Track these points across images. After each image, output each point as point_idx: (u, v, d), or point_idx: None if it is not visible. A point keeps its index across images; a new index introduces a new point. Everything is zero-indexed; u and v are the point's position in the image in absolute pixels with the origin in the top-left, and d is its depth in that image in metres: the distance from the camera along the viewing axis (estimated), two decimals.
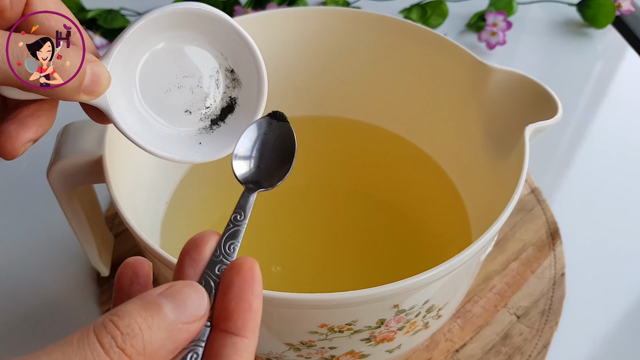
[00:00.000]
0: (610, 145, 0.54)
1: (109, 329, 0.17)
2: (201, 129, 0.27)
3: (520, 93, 0.35)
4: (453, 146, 0.43)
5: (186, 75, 0.26)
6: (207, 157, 0.27)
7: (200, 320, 0.19)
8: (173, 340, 0.18)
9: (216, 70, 0.27)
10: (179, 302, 0.18)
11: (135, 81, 0.26)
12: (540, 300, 0.42)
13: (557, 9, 0.70)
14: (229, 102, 0.27)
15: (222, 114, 0.28)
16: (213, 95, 0.27)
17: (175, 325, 0.18)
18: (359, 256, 0.41)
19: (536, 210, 0.47)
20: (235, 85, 0.27)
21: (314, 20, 0.43)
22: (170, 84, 0.26)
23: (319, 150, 0.47)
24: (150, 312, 0.17)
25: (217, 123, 0.28)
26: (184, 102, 0.27)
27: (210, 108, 0.27)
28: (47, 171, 0.33)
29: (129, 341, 0.17)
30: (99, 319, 0.17)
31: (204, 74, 0.27)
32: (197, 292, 0.19)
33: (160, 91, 0.26)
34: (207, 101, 0.27)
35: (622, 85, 0.61)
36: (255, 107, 0.27)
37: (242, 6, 0.64)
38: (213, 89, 0.27)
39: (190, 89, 0.27)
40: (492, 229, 0.28)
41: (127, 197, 0.33)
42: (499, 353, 0.39)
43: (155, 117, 0.26)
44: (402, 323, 0.30)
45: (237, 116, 0.28)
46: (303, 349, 0.30)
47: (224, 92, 0.27)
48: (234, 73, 0.27)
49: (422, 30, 0.40)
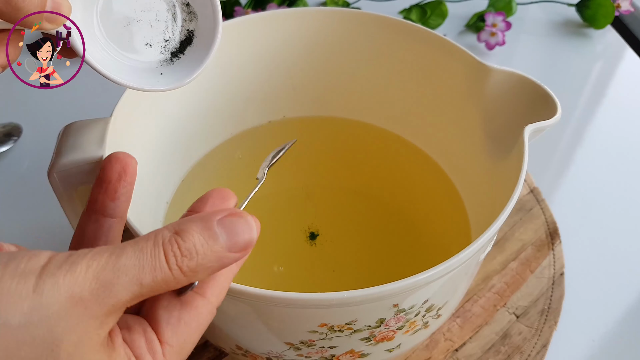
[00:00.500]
0: (609, 145, 0.55)
1: (174, 248, 0.19)
2: (162, 61, 0.29)
3: (520, 93, 0.36)
4: (452, 146, 0.43)
5: (144, 10, 0.28)
6: (169, 85, 0.28)
7: (246, 251, 0.21)
8: (219, 265, 0.20)
9: (172, 4, 0.28)
10: (232, 235, 0.21)
11: (96, 12, 0.27)
12: (540, 300, 0.42)
13: (556, 9, 0.70)
14: (187, 34, 0.29)
15: (181, 46, 0.29)
16: (171, 29, 0.29)
17: (225, 253, 0.20)
18: (358, 256, 0.41)
19: (535, 210, 0.47)
20: (191, 18, 0.29)
21: (314, 21, 0.43)
22: (130, 18, 0.28)
23: (319, 150, 0.47)
24: (208, 239, 0.20)
25: (177, 55, 0.29)
26: (143, 36, 0.28)
27: (169, 41, 0.29)
28: (48, 171, 0.33)
29: (186, 262, 0.19)
30: (166, 233, 0.20)
31: (161, 8, 0.28)
32: (249, 226, 0.21)
33: (120, 25, 0.28)
34: (165, 34, 0.29)
35: (621, 85, 0.61)
36: (211, 38, 0.29)
37: (243, 7, 0.64)
38: (170, 22, 0.29)
39: (148, 23, 0.28)
40: (491, 228, 0.28)
41: None
42: (498, 352, 0.39)
43: (117, 50, 0.28)
44: (401, 322, 0.30)
45: (195, 47, 0.29)
46: (303, 348, 0.30)
47: (182, 25, 0.29)
48: (189, 6, 0.29)
49: (421, 30, 0.40)
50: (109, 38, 0.28)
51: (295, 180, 0.46)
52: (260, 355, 0.32)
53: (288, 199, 0.44)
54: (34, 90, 0.57)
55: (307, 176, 0.46)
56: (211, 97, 0.44)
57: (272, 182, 0.45)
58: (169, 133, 0.42)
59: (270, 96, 0.46)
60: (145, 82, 0.28)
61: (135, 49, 0.28)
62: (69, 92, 0.57)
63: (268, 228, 0.42)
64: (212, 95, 0.44)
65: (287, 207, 0.44)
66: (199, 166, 0.45)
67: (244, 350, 0.32)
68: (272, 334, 0.30)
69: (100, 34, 0.27)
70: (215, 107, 0.44)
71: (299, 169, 0.46)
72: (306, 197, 0.45)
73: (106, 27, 0.27)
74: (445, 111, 0.42)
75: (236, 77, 0.44)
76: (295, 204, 0.44)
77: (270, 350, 0.31)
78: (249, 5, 0.64)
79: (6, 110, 0.57)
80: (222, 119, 0.46)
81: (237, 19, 0.41)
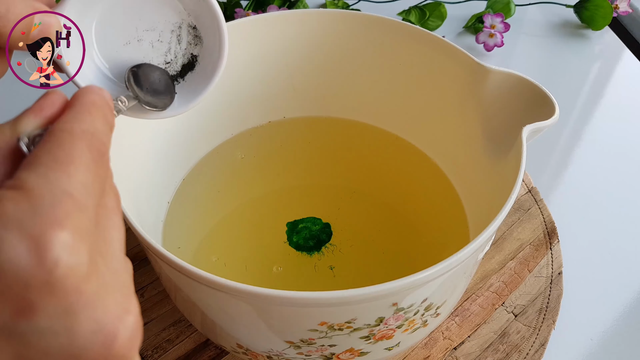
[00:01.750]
0: (607, 146, 0.55)
1: None
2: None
3: (518, 94, 0.36)
4: (451, 146, 0.43)
5: (147, 29, 0.26)
6: (162, 114, 0.27)
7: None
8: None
9: (178, 26, 0.26)
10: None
11: (92, 32, 0.25)
12: (538, 299, 0.42)
13: (555, 10, 0.70)
14: (190, 59, 0.27)
15: (182, 70, 0.27)
16: (174, 51, 0.27)
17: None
18: (358, 255, 0.41)
19: (533, 210, 0.48)
20: (197, 42, 0.27)
21: (314, 23, 0.43)
22: (130, 37, 0.26)
23: (319, 151, 0.47)
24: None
25: (176, 79, 0.27)
26: (143, 56, 0.26)
27: (170, 64, 0.27)
28: None
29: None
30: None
31: (166, 29, 0.26)
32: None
33: (119, 43, 0.26)
34: (167, 56, 0.27)
35: (619, 86, 0.61)
36: (215, 67, 0.27)
37: (243, 8, 0.65)
38: (174, 44, 0.27)
39: (150, 43, 0.26)
40: (489, 228, 0.28)
41: (129, 196, 0.33)
42: (496, 351, 0.39)
43: (111, 71, 0.26)
44: (400, 321, 0.30)
45: (197, 74, 0.27)
46: (303, 347, 0.31)
47: (185, 49, 0.27)
48: (196, 30, 0.27)
49: (420, 32, 0.41)
50: (103, 56, 0.26)
51: (295, 180, 0.46)
52: (261, 354, 0.32)
53: (288, 199, 0.44)
54: (34, 91, 0.57)
55: (307, 176, 0.46)
56: (212, 98, 0.44)
57: (272, 182, 0.46)
58: (170, 133, 0.42)
59: (271, 97, 0.47)
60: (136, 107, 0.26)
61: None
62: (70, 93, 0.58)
63: (268, 228, 0.43)
64: (213, 96, 0.44)
65: (286, 207, 0.44)
66: (200, 166, 0.45)
67: (245, 348, 0.33)
68: (272, 333, 0.30)
69: (95, 51, 0.25)
70: (216, 107, 0.45)
71: (299, 169, 0.46)
72: (305, 197, 0.45)
73: (102, 44, 0.25)
74: (443, 112, 0.42)
75: (237, 77, 0.44)
76: (294, 203, 0.44)
77: (270, 348, 0.31)
78: (250, 7, 0.65)
79: (7, 110, 0.57)
80: (223, 119, 0.46)
81: (238, 21, 0.42)
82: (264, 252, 0.41)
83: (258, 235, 0.42)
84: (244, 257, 0.40)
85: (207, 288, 0.27)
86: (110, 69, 0.26)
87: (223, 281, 0.26)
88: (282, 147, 0.47)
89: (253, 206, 0.44)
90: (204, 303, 0.30)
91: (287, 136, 0.48)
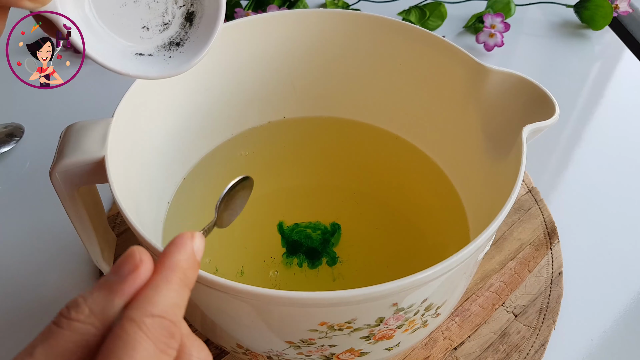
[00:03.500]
0: (607, 146, 0.55)
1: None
2: (160, 45, 0.27)
3: (518, 94, 0.36)
4: (451, 146, 0.43)
5: None
6: (171, 71, 0.27)
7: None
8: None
9: None
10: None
11: None
12: (538, 299, 0.42)
13: (555, 10, 0.70)
14: (187, 16, 0.27)
15: (181, 29, 0.27)
16: (171, 11, 0.27)
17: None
18: (358, 255, 0.41)
19: (534, 210, 0.48)
20: (193, 1, 0.27)
21: (314, 22, 0.43)
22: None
23: (319, 151, 0.47)
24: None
25: (175, 41, 0.27)
26: (140, 18, 0.26)
27: (168, 24, 0.27)
28: (50, 171, 0.33)
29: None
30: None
31: None
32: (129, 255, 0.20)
33: (116, 5, 0.26)
34: (164, 17, 0.27)
35: (619, 86, 0.61)
36: (214, 18, 0.27)
37: (243, 8, 0.65)
38: (171, 4, 0.27)
39: (146, 4, 0.26)
40: (489, 228, 0.28)
41: (130, 196, 0.33)
42: (496, 351, 0.39)
43: (110, 33, 0.26)
44: (401, 321, 0.30)
45: (197, 30, 0.27)
46: (303, 347, 0.31)
47: (182, 6, 0.27)
48: None
49: (420, 32, 0.41)
50: (100, 18, 0.25)
51: (295, 180, 0.46)
52: (261, 354, 0.32)
53: (287, 199, 0.44)
54: (35, 91, 0.58)
55: (307, 176, 0.46)
56: (211, 98, 0.44)
57: (272, 182, 0.46)
58: (170, 133, 0.42)
59: (271, 97, 0.47)
60: (146, 69, 0.26)
61: (130, 31, 0.26)
62: (71, 93, 0.58)
63: (267, 228, 0.43)
64: (213, 96, 0.44)
65: (286, 207, 0.44)
66: (200, 166, 0.45)
67: (245, 348, 0.33)
68: (272, 333, 0.30)
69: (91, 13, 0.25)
70: (216, 107, 0.45)
71: (299, 169, 0.46)
72: (305, 197, 0.45)
73: (98, 5, 0.25)
74: (443, 112, 0.42)
75: (237, 77, 0.44)
76: (294, 204, 0.44)
77: (270, 349, 0.31)
78: (250, 7, 0.65)
79: (8, 110, 0.57)
80: (223, 120, 0.46)
81: (237, 20, 0.42)
82: (263, 252, 0.41)
83: (257, 235, 0.42)
84: (244, 258, 0.41)
85: (207, 288, 0.27)
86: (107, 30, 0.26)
87: (223, 281, 0.26)
88: (282, 147, 0.47)
89: (253, 206, 0.44)
90: (204, 303, 0.30)
91: (287, 136, 0.48)
